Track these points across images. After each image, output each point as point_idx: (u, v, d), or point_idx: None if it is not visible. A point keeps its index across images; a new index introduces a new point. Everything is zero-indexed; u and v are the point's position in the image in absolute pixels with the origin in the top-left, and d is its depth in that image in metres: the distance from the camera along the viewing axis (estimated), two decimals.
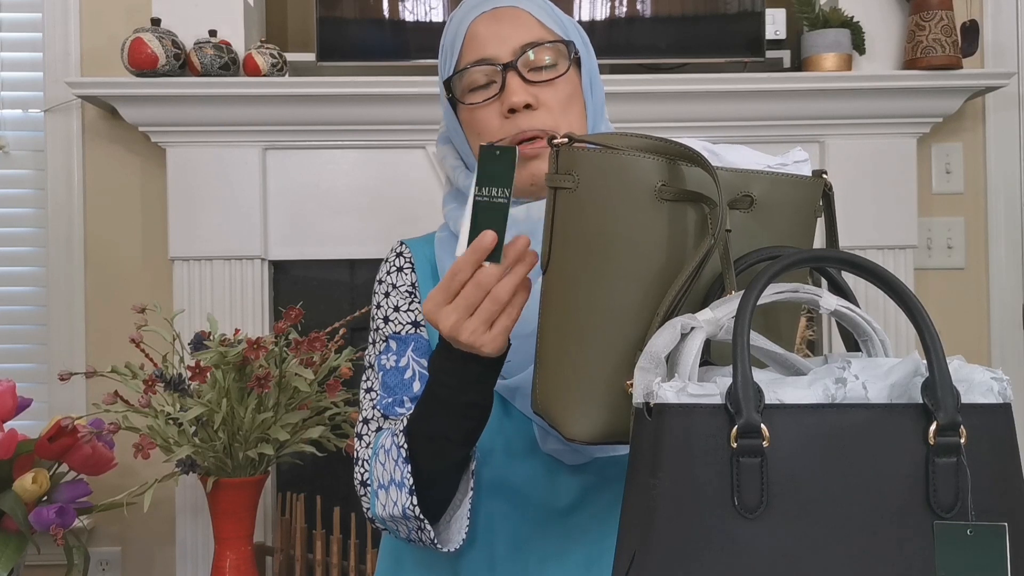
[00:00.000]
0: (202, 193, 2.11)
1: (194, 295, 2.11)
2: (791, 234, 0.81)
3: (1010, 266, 2.34)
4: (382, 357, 1.11)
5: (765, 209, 0.80)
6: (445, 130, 1.15)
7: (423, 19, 2.09)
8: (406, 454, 0.98)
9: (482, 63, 1.05)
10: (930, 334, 0.66)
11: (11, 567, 1.75)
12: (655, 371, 0.68)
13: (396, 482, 0.99)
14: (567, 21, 1.11)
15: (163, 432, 1.71)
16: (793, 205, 0.82)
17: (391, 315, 1.12)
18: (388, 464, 1.00)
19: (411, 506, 0.97)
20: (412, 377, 1.08)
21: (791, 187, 0.82)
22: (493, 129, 1.05)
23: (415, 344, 1.10)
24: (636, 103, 2.09)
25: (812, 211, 0.84)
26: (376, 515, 1.03)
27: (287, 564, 1.94)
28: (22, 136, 2.27)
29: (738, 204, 0.79)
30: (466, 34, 1.06)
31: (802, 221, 0.83)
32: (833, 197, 0.85)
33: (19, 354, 2.27)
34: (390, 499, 0.99)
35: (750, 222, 0.79)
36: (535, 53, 1.04)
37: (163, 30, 2.03)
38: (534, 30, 1.05)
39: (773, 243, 0.79)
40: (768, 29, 2.12)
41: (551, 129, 1.04)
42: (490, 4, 1.07)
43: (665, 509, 0.63)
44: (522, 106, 1.03)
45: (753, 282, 0.67)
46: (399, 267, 1.15)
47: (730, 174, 0.79)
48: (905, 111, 2.16)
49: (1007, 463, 0.66)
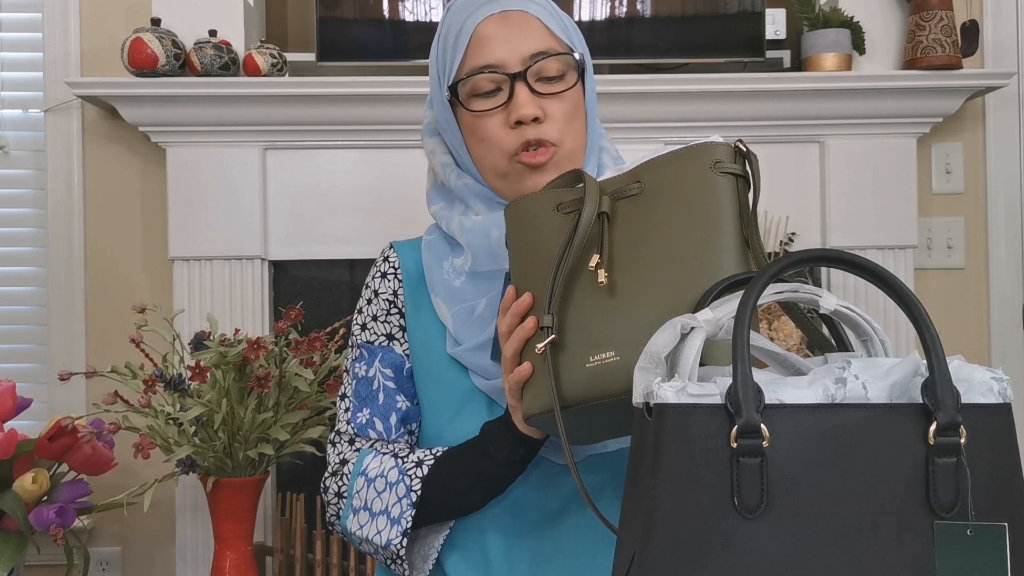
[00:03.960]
0: (202, 193, 2.11)
1: (194, 295, 2.11)
2: (684, 203, 0.87)
3: (1010, 266, 2.34)
4: (356, 364, 1.13)
5: (654, 191, 0.89)
6: (433, 123, 1.14)
7: (423, 19, 2.09)
8: (415, 499, 1.01)
9: (490, 69, 1.04)
10: (930, 334, 0.66)
11: (11, 567, 1.75)
12: (655, 371, 0.68)
13: (391, 517, 1.01)
14: (570, 26, 1.10)
15: (163, 432, 1.71)
16: (676, 177, 0.88)
17: (368, 323, 1.13)
18: (387, 496, 1.02)
19: (399, 546, 1.01)
20: (378, 389, 1.10)
21: (672, 163, 0.89)
22: (499, 139, 1.05)
23: (383, 355, 1.11)
24: (636, 103, 2.09)
25: (703, 175, 0.86)
26: (345, 528, 1.06)
27: (287, 564, 1.94)
28: (22, 136, 2.27)
29: (625, 192, 0.90)
30: (472, 35, 1.05)
31: (693, 187, 0.87)
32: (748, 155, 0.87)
33: (19, 354, 2.27)
34: (375, 526, 1.02)
35: (641, 205, 0.89)
36: (544, 64, 1.04)
37: (163, 30, 2.03)
38: (544, 38, 1.05)
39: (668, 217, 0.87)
40: (768, 29, 2.11)
41: (556, 141, 1.04)
42: (499, 6, 1.05)
43: (665, 509, 0.63)
44: (530, 120, 1.03)
45: (753, 282, 0.67)
46: (383, 273, 1.15)
47: (624, 174, 0.91)
48: (905, 111, 2.16)
49: (1007, 463, 0.66)
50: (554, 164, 1.04)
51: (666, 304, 0.82)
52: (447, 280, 1.09)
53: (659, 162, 0.90)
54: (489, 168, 1.08)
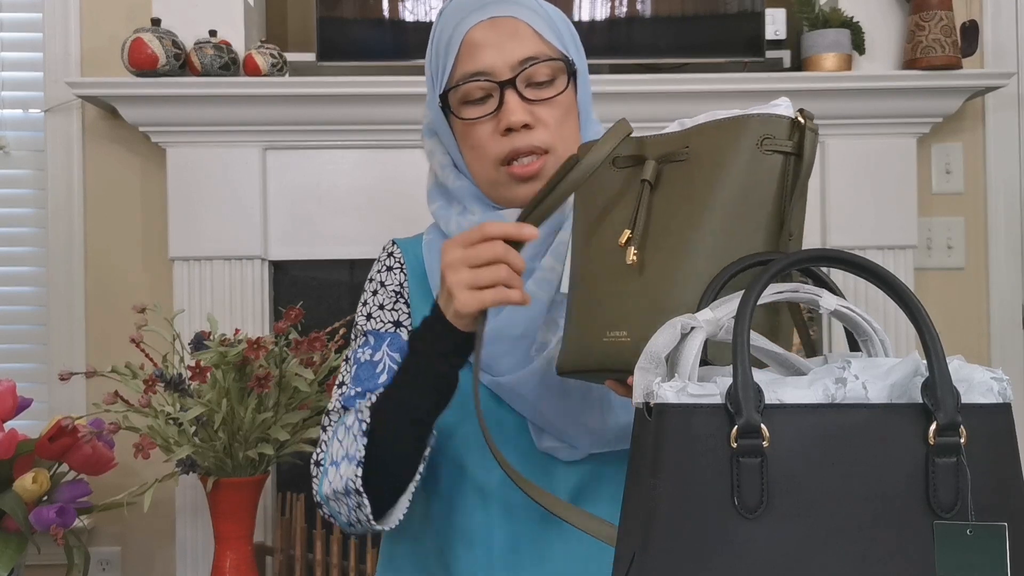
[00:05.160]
0: (202, 193, 2.11)
1: (194, 295, 2.11)
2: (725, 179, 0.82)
3: (1010, 266, 2.34)
4: (359, 351, 1.11)
5: (698, 159, 0.84)
6: (432, 123, 1.14)
7: (423, 19, 2.09)
8: (365, 428, 0.98)
9: (479, 77, 1.04)
10: (930, 334, 0.66)
11: (11, 567, 1.75)
12: (655, 371, 0.68)
13: (348, 456, 0.99)
14: (564, 29, 1.09)
15: (163, 432, 1.71)
16: (722, 148, 0.83)
17: (375, 312, 1.13)
18: (346, 441, 1.01)
19: (354, 477, 0.97)
20: (382, 371, 1.08)
21: (715, 131, 0.84)
22: (489, 147, 1.05)
23: (391, 340, 1.10)
24: (636, 103, 2.08)
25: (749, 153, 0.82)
26: (322, 494, 1.03)
27: (287, 564, 1.94)
28: (22, 136, 2.27)
29: (674, 156, 0.86)
30: (462, 41, 1.04)
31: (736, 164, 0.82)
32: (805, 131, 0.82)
33: (19, 354, 2.27)
34: (338, 474, 0.99)
35: (683, 173, 0.85)
36: (534, 70, 1.04)
37: (163, 30, 2.03)
38: (533, 44, 1.04)
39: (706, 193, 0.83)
40: (768, 29, 2.12)
41: (547, 147, 1.04)
42: (488, 12, 1.05)
43: (665, 509, 0.63)
44: (520, 126, 1.03)
45: (753, 282, 0.67)
46: (389, 267, 1.15)
47: (677, 133, 0.87)
48: (905, 111, 2.16)
49: (1007, 463, 0.66)
50: (546, 173, 1.04)
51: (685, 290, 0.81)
52: None
53: (709, 128, 0.85)
54: (479, 175, 1.09)
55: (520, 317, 1.03)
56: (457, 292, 0.91)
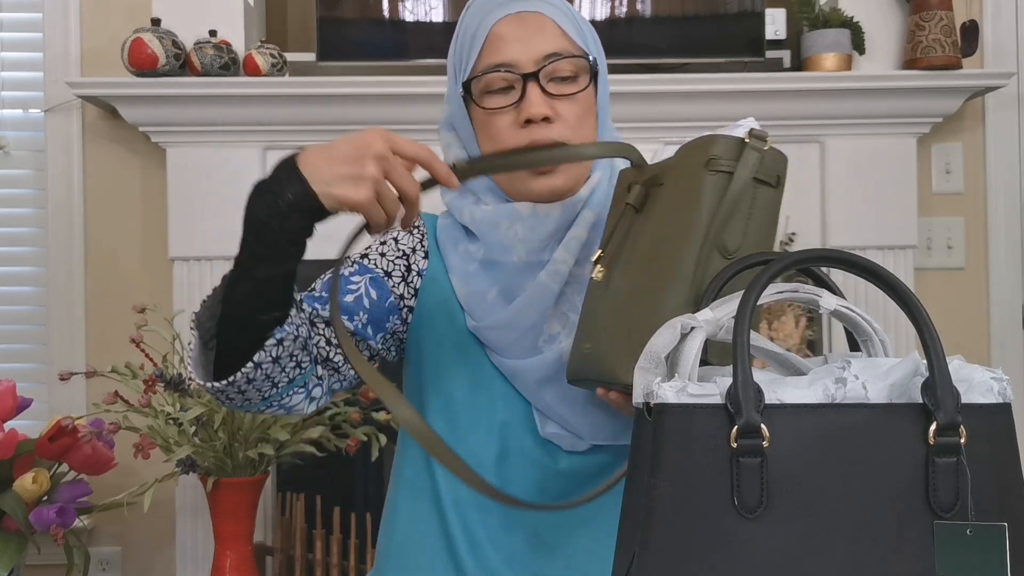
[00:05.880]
0: (202, 193, 2.11)
1: (194, 295, 2.11)
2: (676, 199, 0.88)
3: (1010, 266, 2.34)
4: (343, 270, 1.10)
5: (671, 180, 0.90)
6: (450, 117, 1.14)
7: (423, 19, 2.09)
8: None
9: (503, 68, 1.04)
10: (930, 334, 0.66)
11: (11, 567, 1.75)
12: (655, 371, 0.68)
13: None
14: (587, 30, 1.10)
15: (163, 432, 1.71)
16: (680, 170, 0.89)
17: (372, 254, 1.13)
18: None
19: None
20: (354, 291, 1.08)
21: (685, 153, 0.90)
22: (507, 138, 1.05)
23: (373, 277, 1.10)
24: (636, 103, 2.09)
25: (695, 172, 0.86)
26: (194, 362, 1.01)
27: (287, 564, 1.94)
28: (22, 136, 2.27)
29: (657, 180, 0.92)
30: (488, 34, 1.05)
31: (686, 183, 0.87)
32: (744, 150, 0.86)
33: (19, 354, 2.27)
34: None
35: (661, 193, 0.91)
36: (557, 65, 1.04)
37: (163, 30, 2.03)
38: (558, 40, 1.05)
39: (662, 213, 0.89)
40: (768, 29, 2.12)
41: (565, 142, 1.04)
42: (514, 7, 1.05)
43: (665, 509, 0.63)
44: (540, 119, 1.03)
45: (753, 282, 0.67)
46: (410, 232, 1.16)
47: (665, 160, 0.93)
48: (905, 111, 2.16)
49: (1007, 463, 0.66)
50: (563, 168, 1.05)
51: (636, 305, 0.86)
52: (461, 264, 1.10)
53: (682, 150, 0.91)
54: None
55: (530, 308, 1.03)
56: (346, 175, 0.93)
